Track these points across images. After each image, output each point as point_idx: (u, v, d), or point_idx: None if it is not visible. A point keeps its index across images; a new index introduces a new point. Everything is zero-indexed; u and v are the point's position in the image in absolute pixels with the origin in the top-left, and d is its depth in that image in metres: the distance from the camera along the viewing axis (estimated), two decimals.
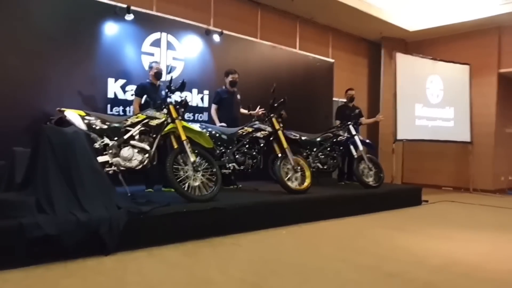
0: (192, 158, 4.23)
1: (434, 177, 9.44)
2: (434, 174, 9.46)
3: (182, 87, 4.50)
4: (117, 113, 5.26)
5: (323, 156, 6.18)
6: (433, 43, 9.65)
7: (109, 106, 5.23)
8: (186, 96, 4.83)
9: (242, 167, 5.28)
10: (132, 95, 5.28)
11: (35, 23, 4.67)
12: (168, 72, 4.55)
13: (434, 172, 9.47)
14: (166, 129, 4.37)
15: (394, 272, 3.06)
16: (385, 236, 4.27)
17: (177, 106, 4.48)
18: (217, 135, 5.33)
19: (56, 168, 3.32)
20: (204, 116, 6.16)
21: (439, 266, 3.23)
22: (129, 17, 5.30)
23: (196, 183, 4.24)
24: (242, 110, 5.89)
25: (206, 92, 6.20)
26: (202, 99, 6.18)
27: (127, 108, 5.34)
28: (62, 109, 4.28)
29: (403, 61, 8.37)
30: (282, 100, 5.38)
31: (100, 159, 4.07)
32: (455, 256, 3.53)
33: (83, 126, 4.20)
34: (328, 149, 6.26)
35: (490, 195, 8.47)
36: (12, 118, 4.46)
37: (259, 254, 3.46)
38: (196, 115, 6.10)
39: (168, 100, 4.46)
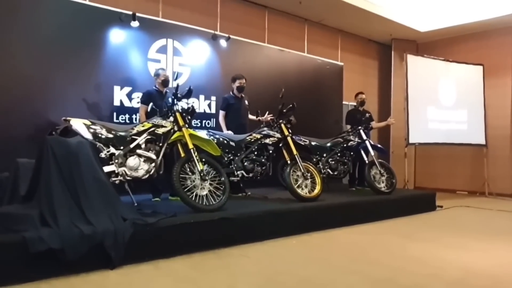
0: (199, 166, 4.14)
1: (448, 181, 9.21)
2: (448, 178, 9.24)
3: (188, 94, 4.42)
4: (123, 121, 5.20)
5: (333, 162, 6.05)
6: (445, 44, 9.46)
7: (115, 114, 5.18)
8: (193, 103, 4.73)
9: (250, 175, 5.17)
10: (138, 102, 5.22)
11: (40, 30, 4.64)
12: (175, 79, 4.48)
13: (448, 176, 9.25)
14: (172, 137, 4.30)
15: (409, 286, 2.93)
16: (398, 246, 4.12)
17: (184, 114, 4.41)
18: (225, 142, 5.23)
19: (60, 180, 3.26)
20: (212, 123, 6.07)
21: (457, 280, 3.08)
22: (135, 24, 5.25)
23: (204, 192, 4.15)
24: (250, 116, 5.79)
25: (213, 98, 6.12)
26: (209, 105, 6.10)
27: (133, 116, 5.28)
28: (68, 118, 4.23)
29: (414, 62, 8.20)
30: (291, 105, 5.27)
31: (106, 168, 4.01)
32: (473, 268, 3.37)
33: (88, 136, 4.15)
34: (339, 154, 6.12)
35: (506, 199, 8.22)
36: (17, 127, 4.44)
37: (268, 266, 3.35)
38: (204, 121, 6.01)
39: (175, 107, 4.38)
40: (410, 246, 4.11)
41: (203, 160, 4.26)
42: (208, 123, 6.06)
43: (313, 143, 6.11)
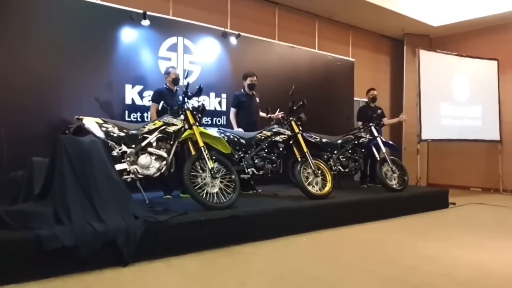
0: (210, 164, 4.16)
1: (461, 177, 9.10)
2: (462, 175, 9.12)
3: (199, 93, 4.44)
4: (134, 119, 5.25)
5: (344, 159, 6.02)
6: (458, 38, 9.31)
7: (126, 112, 5.23)
8: (203, 101, 4.75)
9: (261, 172, 5.17)
10: (149, 100, 5.26)
11: (53, 31, 4.69)
12: (185, 77, 4.49)
13: (462, 172, 9.13)
14: (183, 135, 4.32)
15: (420, 285, 2.91)
16: (410, 244, 4.09)
17: (194, 112, 4.43)
18: (236, 139, 5.24)
19: (73, 178, 3.31)
20: (223, 120, 6.09)
21: (469, 279, 3.05)
22: (146, 22, 5.28)
23: (214, 190, 4.17)
24: (261, 114, 5.79)
25: (224, 95, 6.13)
26: (220, 103, 6.11)
27: (145, 114, 5.32)
28: (80, 117, 4.29)
29: (427, 58, 8.09)
30: (301, 103, 5.26)
31: (118, 167, 4.05)
32: (486, 268, 3.33)
33: (101, 134, 4.20)
34: (350, 151, 6.09)
35: None
36: (31, 125, 4.50)
37: (279, 264, 3.36)
38: (214, 119, 6.03)
39: (185, 106, 4.41)
40: (422, 244, 4.08)
41: (214, 158, 4.28)
42: (219, 121, 6.08)
43: (323, 140, 6.08)
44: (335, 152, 6.03)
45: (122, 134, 4.26)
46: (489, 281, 3.02)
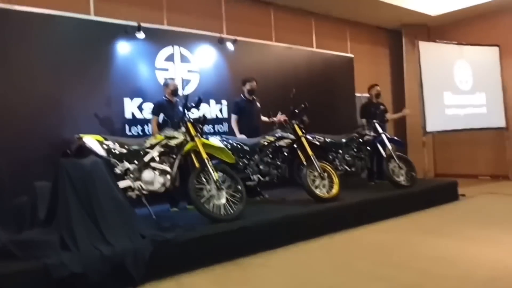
0: (215, 176, 4.09)
1: (469, 166, 8.98)
2: (469, 164, 9.01)
3: (198, 104, 4.38)
4: (136, 133, 5.19)
5: (350, 158, 5.94)
6: (458, 26, 9.17)
7: (127, 126, 5.16)
8: (204, 114, 4.68)
9: (267, 178, 5.10)
10: (149, 113, 5.20)
11: (46, 49, 4.63)
12: (184, 87, 4.43)
13: (469, 161, 9.01)
14: (186, 148, 4.26)
15: None
16: (423, 244, 4.01)
17: (195, 123, 4.37)
18: (239, 146, 5.18)
19: (77, 202, 3.26)
20: (224, 127, 6.02)
21: (488, 281, 2.97)
22: (141, 35, 5.21)
23: (221, 201, 4.11)
24: (263, 118, 5.72)
25: (224, 102, 6.06)
26: (220, 110, 6.04)
27: (145, 127, 5.26)
28: (81, 135, 4.23)
29: (426, 49, 7.97)
30: (303, 105, 5.19)
31: (122, 184, 4.00)
32: (505, 266, 3.24)
33: (102, 152, 4.15)
34: (355, 150, 6.01)
35: None
36: (30, 148, 4.42)
37: (292, 276, 3.29)
38: (216, 126, 5.96)
39: (186, 118, 4.34)
40: (436, 244, 3.99)
41: (218, 169, 4.22)
42: (221, 128, 6.01)
43: (328, 140, 6.00)
44: (340, 151, 5.95)
45: (123, 150, 4.21)
46: (507, 282, 2.93)
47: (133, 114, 5.21)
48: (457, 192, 6.45)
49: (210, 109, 5.90)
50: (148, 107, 5.25)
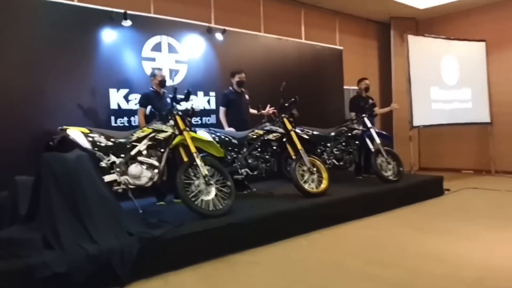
0: (204, 171, 4.01)
1: (453, 160, 9.11)
2: (453, 158, 9.12)
3: (187, 97, 4.27)
4: (121, 124, 5.05)
5: (338, 152, 5.92)
6: (445, 20, 9.20)
7: (112, 118, 5.01)
8: (192, 105, 4.57)
9: (255, 172, 5.04)
10: (136, 104, 5.06)
11: (27, 36, 4.43)
12: (172, 78, 4.30)
13: (453, 155, 9.13)
14: (174, 142, 4.16)
15: None
16: (411, 241, 4.02)
17: (184, 116, 4.26)
18: (227, 139, 5.10)
19: (61, 198, 3.14)
20: (212, 119, 5.91)
21: (476, 280, 2.99)
22: (127, 23, 5.03)
23: (209, 197, 4.03)
24: (252, 110, 5.63)
25: (212, 94, 5.94)
26: (208, 101, 5.92)
27: (132, 118, 5.12)
28: (64, 127, 4.09)
29: (415, 43, 7.95)
30: (293, 99, 5.12)
31: (108, 178, 3.90)
32: (491, 266, 3.27)
33: (87, 145, 4.03)
34: (343, 144, 5.99)
35: None
36: (11, 139, 4.26)
37: (281, 275, 3.26)
38: (204, 118, 5.85)
39: (174, 110, 4.23)
40: (423, 241, 4.01)
41: (207, 163, 4.14)
42: (208, 120, 5.90)
43: (315, 133, 5.97)
44: (328, 145, 5.93)
45: (109, 143, 4.09)
46: (495, 282, 2.96)
47: (118, 105, 5.06)
48: (442, 187, 6.52)
49: (198, 101, 5.77)
50: (134, 98, 5.11)
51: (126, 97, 5.11)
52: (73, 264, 2.87)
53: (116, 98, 5.04)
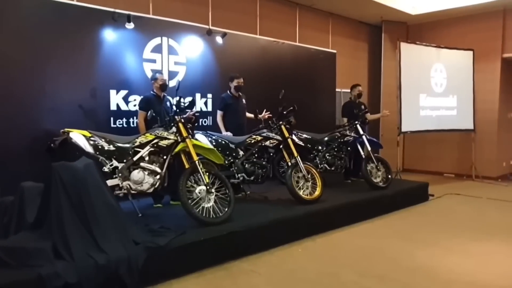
0: (205, 179, 4.10)
1: (435, 163, 9.43)
2: (436, 161, 9.45)
3: (191, 106, 4.33)
4: (120, 126, 5.06)
5: (330, 157, 6.09)
6: (435, 27, 9.41)
7: (112, 119, 5.02)
8: (195, 113, 4.60)
9: (252, 178, 5.13)
10: (135, 105, 5.08)
11: (29, 35, 4.38)
12: (177, 89, 4.33)
13: (436, 159, 9.45)
14: (176, 149, 4.22)
15: None
16: (402, 252, 4.22)
17: (186, 123, 4.32)
18: (224, 143, 5.18)
19: (70, 207, 3.19)
20: (208, 121, 5.97)
21: None
22: (130, 26, 5.01)
23: (209, 204, 4.13)
24: (249, 115, 5.72)
25: (209, 95, 5.99)
26: (205, 103, 5.98)
27: (131, 120, 5.14)
28: (67, 130, 4.11)
29: (407, 50, 8.13)
30: (291, 108, 5.23)
31: (110, 182, 3.95)
32: (481, 281, 3.49)
33: (89, 149, 4.07)
34: (336, 149, 6.16)
35: (493, 182, 8.49)
36: (12, 140, 4.25)
37: (281, 285, 3.41)
38: (200, 120, 5.90)
39: (177, 118, 4.28)
40: (414, 252, 4.21)
41: (210, 173, 4.22)
42: (205, 121, 5.96)
43: (309, 137, 6.12)
44: (321, 149, 6.08)
45: (112, 148, 4.13)
46: None
47: (118, 106, 5.06)
48: (427, 193, 6.80)
49: (195, 102, 5.79)
50: (134, 99, 5.13)
51: (125, 99, 5.11)
52: (83, 274, 2.94)
53: (116, 99, 5.04)
